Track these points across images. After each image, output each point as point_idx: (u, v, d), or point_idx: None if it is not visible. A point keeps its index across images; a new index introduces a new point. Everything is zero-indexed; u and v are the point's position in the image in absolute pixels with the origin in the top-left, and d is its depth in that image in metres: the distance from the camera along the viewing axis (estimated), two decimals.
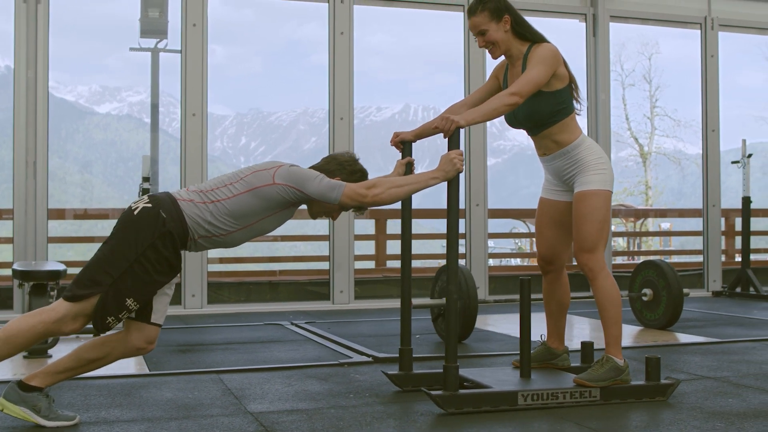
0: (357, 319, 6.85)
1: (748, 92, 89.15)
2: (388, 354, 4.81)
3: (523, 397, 3.47)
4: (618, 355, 3.64)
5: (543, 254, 3.99)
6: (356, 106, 8.15)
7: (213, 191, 3.27)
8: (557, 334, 4.06)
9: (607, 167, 3.74)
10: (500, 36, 3.70)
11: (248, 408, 3.52)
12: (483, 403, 3.42)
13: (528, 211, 16.50)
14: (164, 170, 6.92)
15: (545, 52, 3.63)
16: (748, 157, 8.82)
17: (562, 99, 3.70)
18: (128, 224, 3.17)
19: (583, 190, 3.70)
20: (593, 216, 3.66)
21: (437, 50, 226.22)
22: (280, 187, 3.26)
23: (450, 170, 3.40)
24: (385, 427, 3.19)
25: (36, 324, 3.12)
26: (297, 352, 5.02)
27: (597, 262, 3.67)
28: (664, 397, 3.64)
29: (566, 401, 3.51)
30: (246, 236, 3.35)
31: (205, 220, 3.21)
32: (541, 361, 4.01)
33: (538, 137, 3.81)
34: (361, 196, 3.29)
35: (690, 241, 14.09)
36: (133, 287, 3.13)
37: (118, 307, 3.13)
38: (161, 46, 9.13)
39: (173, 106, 14.48)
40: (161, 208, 3.18)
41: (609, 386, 3.58)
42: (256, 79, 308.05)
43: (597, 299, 3.70)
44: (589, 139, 3.78)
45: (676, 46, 44.95)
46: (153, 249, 3.13)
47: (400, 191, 3.36)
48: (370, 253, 10.07)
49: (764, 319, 6.70)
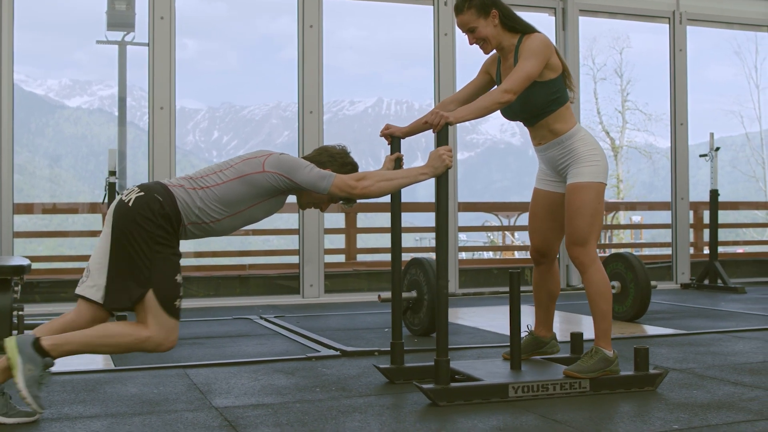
0: (327, 313, 6.84)
1: (718, 86, 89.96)
2: (356, 348, 4.80)
3: (514, 389, 3.49)
4: (607, 347, 3.67)
5: (536, 245, 4.00)
6: (329, 101, 8.16)
7: (202, 178, 3.31)
8: (546, 322, 4.09)
9: (600, 159, 3.73)
10: (490, 31, 3.70)
11: (213, 403, 3.49)
12: (474, 395, 3.44)
13: (500, 204, 16.61)
14: (136, 164, 6.89)
15: (536, 43, 3.62)
16: (715, 150, 8.88)
17: (557, 88, 3.69)
18: (128, 217, 3.17)
19: (576, 182, 3.70)
20: (585, 209, 3.67)
21: (409, 44, 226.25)
22: (270, 175, 3.29)
23: (439, 166, 3.41)
24: (351, 420, 3.17)
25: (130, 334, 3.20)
26: (264, 347, 4.99)
27: (588, 255, 3.69)
28: (653, 387, 3.68)
29: (556, 392, 3.54)
30: (235, 224, 3.37)
31: (195, 205, 3.24)
32: (529, 352, 4.04)
33: (534, 127, 3.81)
34: (350, 187, 3.32)
35: (661, 233, 14.19)
36: (170, 266, 3.20)
37: (173, 289, 3.21)
38: (129, 39, 9.04)
39: (144, 99, 14.61)
40: (155, 193, 3.21)
41: (598, 377, 3.60)
42: (229, 74, 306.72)
43: (587, 292, 3.72)
44: (584, 130, 3.79)
45: (647, 40, 45.07)
46: (161, 228, 3.18)
47: (389, 185, 3.39)
48: (341, 247, 10.06)
49: (731, 310, 6.76)
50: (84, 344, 3.20)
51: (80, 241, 18.18)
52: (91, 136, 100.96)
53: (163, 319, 3.21)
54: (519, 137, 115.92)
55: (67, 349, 3.17)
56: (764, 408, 3.32)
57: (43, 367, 3.13)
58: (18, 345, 3.11)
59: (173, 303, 3.21)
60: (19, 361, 3.09)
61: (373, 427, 3.07)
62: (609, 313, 3.71)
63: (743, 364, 4.29)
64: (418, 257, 5.49)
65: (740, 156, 43.97)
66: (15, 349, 3.11)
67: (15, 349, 3.11)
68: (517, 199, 32.85)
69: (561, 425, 3.08)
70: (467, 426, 3.08)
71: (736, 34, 37.84)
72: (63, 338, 3.18)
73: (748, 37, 42.35)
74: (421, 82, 14.78)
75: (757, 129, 38.75)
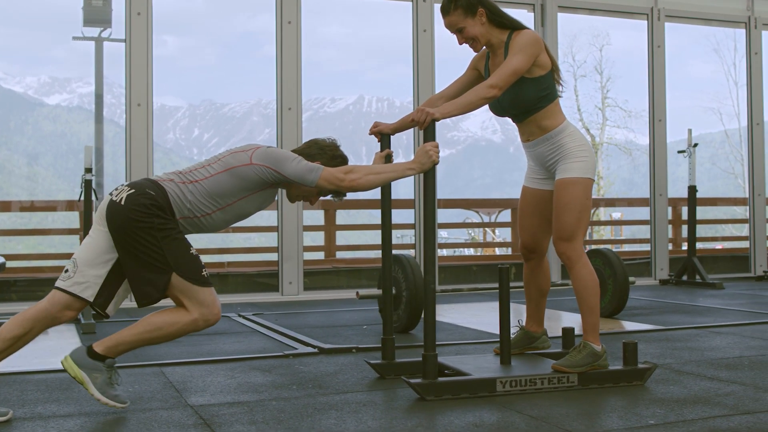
0: (306, 310, 6.81)
1: (698, 84, 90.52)
2: (333, 345, 4.78)
3: (502, 384, 3.50)
4: (596, 341, 3.69)
5: (525, 242, 4.03)
6: (310, 98, 8.15)
7: (191, 172, 3.32)
8: (537, 317, 4.11)
9: (588, 155, 3.75)
10: (478, 30, 3.71)
11: (189, 401, 3.47)
12: (462, 390, 3.45)
13: (481, 201, 16.62)
14: (115, 161, 6.83)
15: (526, 39, 3.62)
16: (693, 146, 8.92)
17: (546, 85, 3.71)
18: (123, 216, 3.15)
19: (564, 177, 3.72)
20: (572, 205, 3.69)
21: (391, 41, 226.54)
22: (257, 168, 3.29)
23: (426, 162, 3.43)
24: (327, 418, 3.16)
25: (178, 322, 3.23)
26: (242, 344, 4.96)
27: (575, 250, 3.71)
28: (642, 381, 3.70)
29: (544, 387, 3.56)
30: (225, 218, 3.37)
31: (186, 199, 3.24)
32: (521, 347, 4.06)
33: (523, 124, 3.82)
34: (338, 180, 3.33)
35: (641, 230, 14.25)
36: (180, 243, 3.20)
37: (194, 262, 3.21)
38: (105, 35, 8.98)
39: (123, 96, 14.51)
40: (145, 188, 3.21)
41: (587, 372, 3.62)
42: (209, 71, 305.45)
43: (575, 287, 3.74)
44: (572, 126, 3.81)
45: (627, 37, 45.32)
46: (158, 217, 3.17)
47: (377, 178, 3.41)
48: (320, 244, 10.04)
49: (709, 306, 6.79)
50: (136, 342, 3.25)
51: (60, 239, 18.08)
52: (70, 134, 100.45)
53: (199, 294, 3.21)
54: (500, 134, 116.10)
55: (122, 349, 3.25)
56: (739, 403, 3.33)
57: (107, 369, 3.21)
58: (76, 360, 3.20)
59: (200, 274, 3.21)
60: (84, 374, 3.18)
61: (349, 424, 3.06)
62: (597, 307, 3.73)
63: (720, 360, 4.30)
64: (397, 254, 5.48)
65: (719, 153, 44.22)
66: (74, 365, 3.19)
67: (74, 366, 3.19)
68: (498, 196, 33.01)
69: (535, 421, 3.07)
70: (444, 422, 3.07)
71: (715, 31, 38.03)
72: (114, 340, 3.24)
73: (726, 35, 42.61)
74: (403, 79, 14.91)
75: (736, 126, 38.97)
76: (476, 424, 3.03)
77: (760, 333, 5.23)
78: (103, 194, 8.58)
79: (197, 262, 3.23)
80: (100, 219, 3.23)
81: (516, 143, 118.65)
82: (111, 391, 3.21)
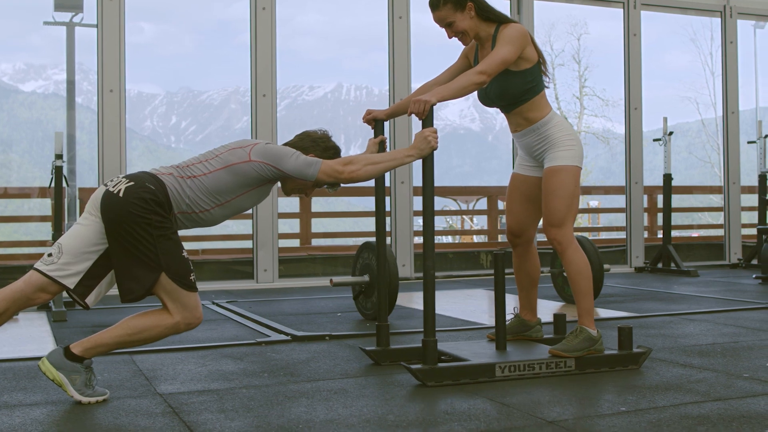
0: (280, 297, 6.78)
1: (675, 73, 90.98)
2: (306, 332, 4.75)
3: (501, 369, 3.53)
4: (591, 326, 3.74)
5: (512, 228, 4.08)
6: (288, 86, 8.10)
7: (189, 167, 3.29)
8: (529, 306, 4.16)
9: (575, 143, 3.82)
10: (467, 24, 3.77)
11: (158, 389, 3.43)
12: (462, 375, 3.47)
13: (459, 189, 16.61)
14: (91, 148, 6.74)
15: (513, 32, 3.70)
16: (669, 135, 8.93)
17: (532, 78, 3.78)
18: (121, 207, 3.10)
19: (553, 165, 3.78)
20: (562, 191, 3.75)
21: (370, 29, 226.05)
22: (256, 164, 3.28)
23: (425, 148, 3.44)
24: (297, 406, 3.13)
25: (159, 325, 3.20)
26: (215, 332, 4.92)
27: (565, 236, 3.77)
28: (637, 365, 3.75)
29: (542, 372, 3.59)
30: (224, 213, 3.36)
31: (185, 194, 3.22)
32: (515, 333, 4.10)
33: (510, 114, 3.90)
34: (337, 172, 3.33)
35: (618, 218, 14.30)
36: (173, 244, 3.17)
37: (184, 264, 3.18)
38: (77, 20, 8.85)
39: None
40: (145, 182, 3.17)
41: (583, 356, 3.66)
42: (186, 58, 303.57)
43: (567, 272, 3.80)
44: (559, 116, 3.87)
45: (605, 26, 45.48)
46: (155, 214, 3.13)
47: (375, 168, 3.41)
48: (295, 232, 9.99)
49: (683, 293, 6.81)
50: (116, 344, 3.22)
51: (36, 227, 17.91)
52: (46, 121, 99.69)
53: (184, 298, 3.19)
54: (478, 123, 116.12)
55: (100, 350, 3.21)
56: (711, 389, 3.33)
57: (85, 370, 3.17)
58: (53, 363, 3.14)
59: (188, 278, 3.19)
60: (62, 377, 3.13)
61: (319, 412, 3.03)
62: (590, 291, 3.79)
63: (693, 347, 4.31)
64: (371, 241, 5.45)
65: (696, 142, 44.47)
66: (52, 367, 3.14)
67: (52, 368, 3.14)
68: (476, 184, 33.04)
69: (506, 408, 3.05)
70: (416, 409, 3.04)
71: (692, 20, 38.16)
72: (93, 341, 3.19)
73: (703, 24, 42.78)
74: (382, 68, 14.79)
75: (713, 115, 39.19)
76: (447, 412, 3.01)
77: (733, 320, 5.25)
78: (76, 181, 8.49)
79: (187, 265, 3.20)
80: (94, 208, 3.18)
81: (494, 132, 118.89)
82: (90, 392, 3.18)
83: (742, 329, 4.88)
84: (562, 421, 2.87)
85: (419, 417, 2.95)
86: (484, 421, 2.89)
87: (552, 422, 2.86)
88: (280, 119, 7.74)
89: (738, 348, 4.27)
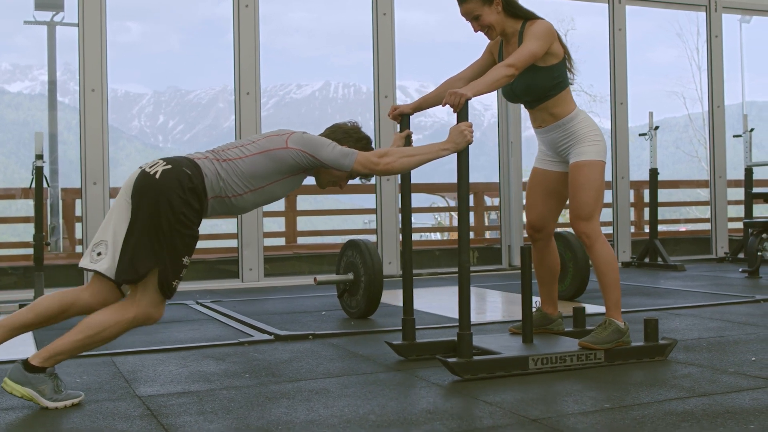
0: (265, 296, 6.73)
1: (662, 68, 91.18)
2: (290, 331, 4.71)
3: (534, 362, 3.56)
4: (618, 318, 3.81)
5: (533, 223, 4.11)
6: (276, 84, 8.08)
7: (225, 151, 3.30)
8: (550, 299, 4.20)
9: (600, 139, 3.87)
10: (494, 18, 3.80)
11: (137, 391, 3.38)
12: (496, 368, 3.50)
13: (448, 185, 16.54)
14: (77, 148, 6.68)
15: (540, 28, 3.74)
16: (654, 129, 8.92)
17: (558, 73, 3.82)
18: (156, 190, 3.09)
19: (579, 160, 3.82)
20: (589, 185, 3.80)
21: (358, 27, 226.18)
22: (294, 152, 3.29)
23: (460, 142, 3.44)
24: (277, 407, 3.08)
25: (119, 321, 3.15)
26: (197, 332, 4.87)
27: (593, 229, 3.82)
28: (663, 356, 3.80)
29: (574, 364, 3.63)
30: (256, 200, 3.35)
31: (219, 176, 3.21)
32: (538, 326, 4.12)
33: (535, 110, 3.92)
34: (373, 164, 3.35)
35: (605, 213, 14.30)
36: (183, 246, 3.14)
37: (177, 269, 3.14)
38: (58, 19, 8.78)
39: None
40: (183, 166, 3.16)
41: (612, 348, 3.71)
42: (174, 57, 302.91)
43: (595, 265, 3.85)
44: (583, 112, 3.92)
45: (592, 23, 45.44)
46: (187, 206, 3.11)
47: (411, 161, 3.42)
48: (281, 230, 9.93)
49: (670, 288, 6.79)
50: (75, 349, 3.14)
51: (24, 228, 17.81)
52: (33, 122, 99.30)
53: (155, 297, 3.16)
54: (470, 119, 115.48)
55: (60, 358, 3.14)
56: (696, 385, 3.30)
57: (50, 377, 3.11)
58: (16, 380, 3.08)
59: (171, 283, 3.15)
60: (31, 391, 3.08)
61: (299, 413, 2.99)
62: (618, 284, 3.85)
63: (678, 342, 4.28)
64: (355, 239, 5.41)
65: (683, 137, 44.53)
66: (17, 385, 3.08)
67: (17, 386, 3.08)
68: None
69: (490, 406, 3.02)
70: (397, 409, 3.01)
71: (678, 15, 38.18)
72: (51, 350, 3.11)
73: (689, 19, 42.87)
74: (370, 65, 14.67)
75: (699, 110, 39.25)
76: (428, 411, 2.97)
77: (719, 314, 5.23)
78: (59, 182, 8.42)
79: (179, 271, 3.16)
80: (126, 192, 3.16)
81: (482, 128, 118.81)
82: (62, 397, 3.11)
83: (728, 323, 4.86)
84: (545, 419, 2.84)
85: (401, 417, 2.91)
86: (467, 420, 2.86)
87: (535, 420, 2.83)
88: (267, 118, 7.73)
89: (724, 342, 4.25)
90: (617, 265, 3.85)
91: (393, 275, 7.82)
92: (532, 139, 4.33)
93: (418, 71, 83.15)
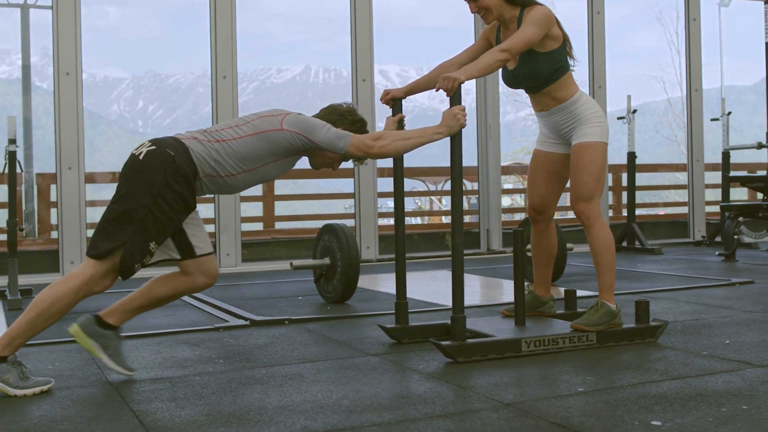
0: (243, 282, 6.70)
1: (642, 53, 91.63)
2: (266, 317, 4.68)
3: (527, 344, 3.59)
4: (611, 300, 3.83)
5: (534, 204, 4.12)
6: (256, 69, 8.08)
7: (218, 132, 3.29)
8: (544, 282, 4.22)
9: (603, 121, 3.90)
10: (492, 2, 3.81)
11: (109, 378, 3.35)
12: (490, 351, 3.51)
13: (427, 169, 16.53)
14: (53, 133, 6.61)
15: (538, 13, 3.74)
16: (632, 113, 8.93)
17: (559, 58, 3.83)
18: (138, 170, 3.12)
19: (581, 141, 3.84)
20: (591, 167, 3.82)
21: (338, 11, 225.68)
22: (288, 133, 3.29)
23: (454, 125, 3.45)
24: (250, 393, 3.06)
25: (67, 293, 3.10)
26: (172, 318, 4.84)
27: (593, 210, 3.83)
28: (654, 338, 3.84)
29: (566, 346, 3.66)
30: (249, 180, 3.35)
31: (211, 157, 3.20)
32: (529, 309, 4.14)
33: (537, 95, 3.94)
34: (367, 146, 3.35)
35: None
36: (154, 230, 3.13)
37: (142, 253, 3.13)
38: (31, 1, 8.68)
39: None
40: (167, 147, 3.15)
41: (604, 330, 3.75)
42: (153, 42, 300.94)
43: (592, 246, 3.86)
44: (586, 95, 3.94)
45: (571, 7, 45.48)
46: (168, 188, 3.12)
47: (405, 144, 3.42)
48: (258, 215, 9.89)
49: (647, 272, 6.81)
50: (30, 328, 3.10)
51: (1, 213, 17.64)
52: (11, 107, 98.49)
53: (110, 272, 3.16)
54: (447, 104, 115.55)
55: (19, 342, 3.12)
56: (670, 368, 3.30)
57: (13, 365, 3.08)
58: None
59: (133, 265, 3.13)
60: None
61: (272, 398, 2.97)
62: (613, 265, 3.88)
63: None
64: (332, 223, 5.39)
65: (663, 121, 44.68)
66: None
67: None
68: (445, 165, 33.05)
69: (464, 390, 3.01)
70: (371, 394, 2.99)
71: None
72: (8, 336, 3.10)
73: (669, 3, 42.94)
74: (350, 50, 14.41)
75: (679, 94, 39.41)
76: (402, 396, 2.96)
77: (694, 297, 5.25)
78: (33, 167, 8.34)
79: (144, 254, 3.14)
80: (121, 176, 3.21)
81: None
82: (27, 383, 3.08)
83: (703, 306, 4.88)
84: (519, 404, 2.83)
85: (374, 402, 2.90)
86: (440, 404, 2.85)
87: (509, 404, 2.82)
88: (248, 102, 7.75)
89: (698, 326, 4.26)
90: (614, 248, 3.87)
91: (371, 260, 7.80)
92: (511, 124, 4.33)
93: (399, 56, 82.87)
